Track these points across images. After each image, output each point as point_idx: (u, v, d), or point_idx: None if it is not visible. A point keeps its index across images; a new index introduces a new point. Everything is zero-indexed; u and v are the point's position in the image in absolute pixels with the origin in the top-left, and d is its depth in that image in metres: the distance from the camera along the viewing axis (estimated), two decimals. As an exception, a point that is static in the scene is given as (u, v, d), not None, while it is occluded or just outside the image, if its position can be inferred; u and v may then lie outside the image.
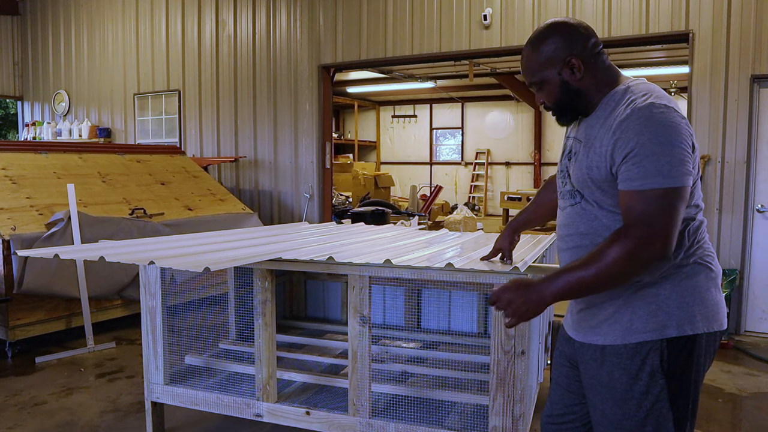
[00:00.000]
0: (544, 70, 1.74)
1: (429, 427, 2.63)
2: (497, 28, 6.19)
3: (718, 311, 1.69)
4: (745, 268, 5.26)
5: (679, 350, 1.64)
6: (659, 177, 1.52)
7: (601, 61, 1.74)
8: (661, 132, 1.53)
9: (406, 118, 17.21)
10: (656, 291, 1.64)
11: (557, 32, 1.73)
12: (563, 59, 1.71)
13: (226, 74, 8.00)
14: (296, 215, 7.58)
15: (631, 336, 1.65)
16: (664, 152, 1.52)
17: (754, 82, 5.16)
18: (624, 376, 1.66)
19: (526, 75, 1.80)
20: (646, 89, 1.65)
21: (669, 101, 1.61)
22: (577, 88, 1.73)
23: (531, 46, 1.76)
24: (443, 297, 3.72)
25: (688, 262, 1.66)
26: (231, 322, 3.79)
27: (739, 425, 3.59)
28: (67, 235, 4.72)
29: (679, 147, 1.53)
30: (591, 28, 1.77)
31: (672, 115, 1.56)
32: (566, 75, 1.72)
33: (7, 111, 17.11)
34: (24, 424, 3.51)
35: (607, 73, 1.75)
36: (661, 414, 1.65)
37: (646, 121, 1.55)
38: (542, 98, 1.81)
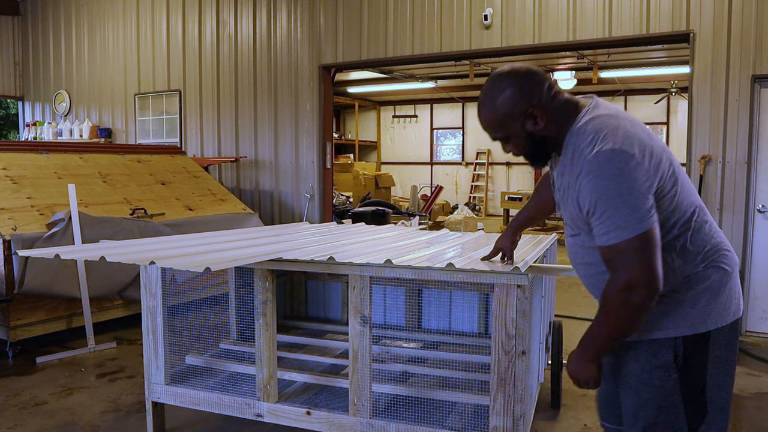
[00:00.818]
0: (506, 126, 1.74)
1: (430, 427, 2.63)
2: (498, 28, 6.19)
3: (731, 304, 1.75)
4: (746, 269, 5.25)
5: (693, 347, 1.71)
6: (620, 230, 1.57)
7: (558, 101, 1.74)
8: (611, 185, 1.57)
9: (407, 118, 17.21)
10: (673, 294, 1.71)
11: (511, 85, 1.72)
12: (523, 112, 1.71)
13: (226, 74, 8.00)
14: (297, 215, 7.58)
15: (646, 333, 1.73)
16: (618, 205, 1.56)
17: (755, 82, 5.15)
18: (638, 369, 1.76)
19: (489, 131, 1.80)
20: (593, 130, 1.64)
21: (616, 139, 1.59)
22: (543, 136, 1.75)
23: (488, 102, 1.75)
24: (444, 297, 3.72)
25: (699, 269, 1.71)
26: (232, 322, 3.79)
27: (740, 425, 3.58)
28: (68, 235, 4.72)
29: (632, 193, 1.56)
30: (541, 72, 1.76)
31: (619, 160, 1.56)
32: (529, 126, 1.73)
33: (8, 111, 17.11)
34: (25, 424, 3.51)
35: (565, 109, 1.74)
36: (673, 407, 1.72)
37: (596, 176, 1.58)
38: (511, 149, 1.82)
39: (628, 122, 1.67)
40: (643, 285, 1.58)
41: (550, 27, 5.94)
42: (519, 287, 2.42)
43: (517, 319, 2.44)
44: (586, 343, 1.76)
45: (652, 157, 1.61)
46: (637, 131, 1.64)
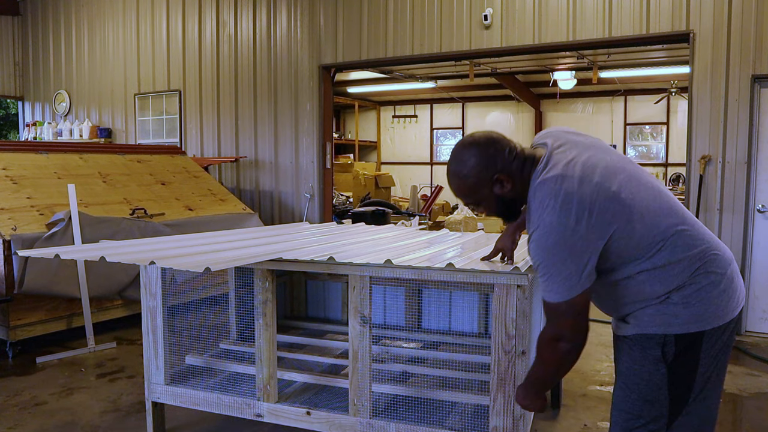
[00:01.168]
0: (476, 193, 1.90)
1: (430, 427, 2.63)
2: (498, 28, 6.19)
3: (728, 304, 1.79)
4: (746, 269, 5.25)
5: (685, 345, 1.77)
6: (553, 293, 1.76)
7: (518, 162, 1.86)
8: (546, 256, 1.73)
9: (407, 118, 17.20)
10: (668, 298, 1.77)
11: (475, 155, 1.85)
12: (490, 178, 1.85)
13: (226, 74, 8.00)
14: (297, 215, 7.58)
15: (639, 329, 1.82)
16: (552, 273, 1.73)
17: (754, 82, 5.15)
18: (629, 362, 1.85)
19: (461, 197, 1.95)
20: (542, 196, 1.74)
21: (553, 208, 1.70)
22: (511, 197, 1.89)
23: (456, 173, 1.90)
24: (444, 297, 3.72)
25: (687, 278, 1.76)
26: (232, 323, 3.79)
27: (740, 425, 3.58)
28: (68, 235, 4.72)
29: (564, 264, 1.71)
30: (500, 136, 1.89)
31: (554, 232, 1.69)
32: (497, 190, 1.87)
33: (8, 111, 17.11)
34: (25, 424, 3.51)
35: (526, 168, 1.85)
36: (658, 400, 1.79)
37: (538, 241, 1.74)
38: (482, 211, 1.98)
39: (575, 182, 1.72)
40: (568, 338, 1.79)
41: (550, 27, 5.94)
42: (519, 287, 2.42)
43: (517, 319, 2.44)
44: (529, 381, 1.98)
45: (593, 214, 1.69)
46: (582, 190, 1.70)
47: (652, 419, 1.80)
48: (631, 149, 14.87)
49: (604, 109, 14.75)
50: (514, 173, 1.85)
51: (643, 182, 1.80)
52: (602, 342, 4.95)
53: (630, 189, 1.75)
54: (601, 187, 1.72)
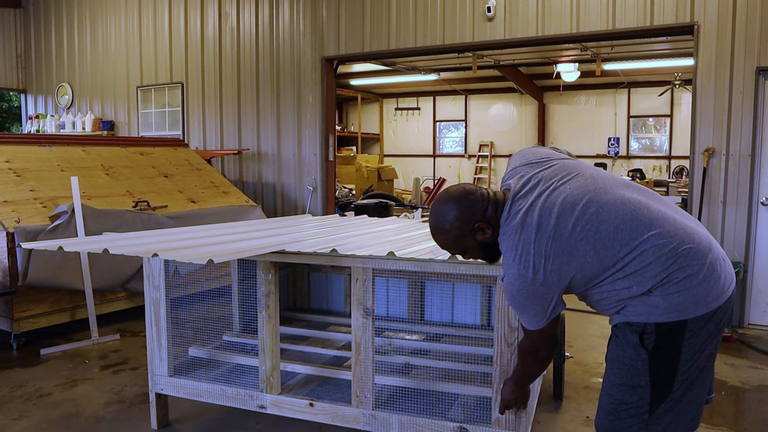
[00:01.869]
0: (461, 243, 2.02)
1: (432, 419, 2.64)
2: (501, 20, 6.16)
3: (709, 293, 1.82)
4: (749, 261, 5.25)
5: (666, 333, 1.83)
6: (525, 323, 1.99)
7: (492, 207, 1.97)
8: (514, 301, 1.93)
9: (410, 110, 17.17)
10: (650, 292, 1.84)
11: (454, 209, 1.97)
12: (471, 228, 1.98)
13: (229, 67, 7.99)
14: (299, 207, 7.58)
15: (623, 317, 1.90)
16: (521, 312, 1.96)
17: (759, 75, 5.13)
18: (613, 347, 1.95)
19: (447, 250, 2.08)
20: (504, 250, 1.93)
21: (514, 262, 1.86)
22: (492, 242, 2.00)
23: (440, 228, 2.01)
24: (446, 289, 3.72)
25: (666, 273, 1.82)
26: (235, 315, 3.80)
27: (742, 418, 3.59)
28: (71, 227, 4.73)
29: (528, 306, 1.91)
30: (473, 187, 2.02)
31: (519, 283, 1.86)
32: (479, 237, 2.00)
33: (11, 104, 17.12)
34: (29, 415, 3.53)
35: (498, 211, 1.97)
36: (640, 386, 1.86)
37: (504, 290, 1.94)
38: (469, 257, 2.11)
39: (533, 227, 1.84)
40: (544, 349, 2.06)
41: (553, 19, 5.91)
42: (522, 279, 2.42)
43: (520, 312, 2.43)
44: (516, 377, 2.30)
45: (549, 260, 1.82)
46: (539, 236, 1.83)
47: (635, 404, 1.87)
48: (635, 142, 14.83)
49: (607, 101, 14.71)
50: (491, 219, 1.97)
51: (605, 201, 1.86)
52: (604, 335, 4.95)
53: (589, 218, 1.83)
54: (557, 230, 1.82)
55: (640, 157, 14.65)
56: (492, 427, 2.53)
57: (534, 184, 1.93)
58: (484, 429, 2.55)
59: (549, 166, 1.98)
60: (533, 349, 2.07)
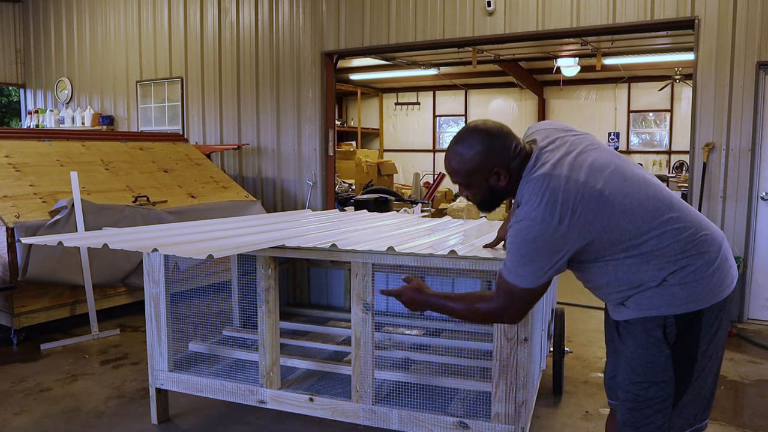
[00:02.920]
0: (471, 177, 1.92)
1: (432, 413, 2.64)
2: (501, 15, 6.15)
3: (722, 282, 1.83)
4: (749, 256, 5.25)
5: (686, 324, 1.81)
6: (515, 276, 1.83)
7: (518, 160, 1.90)
8: (524, 244, 1.79)
9: (410, 105, 17.14)
10: (665, 282, 1.81)
11: (483, 143, 1.88)
12: (489, 170, 1.89)
13: (228, 61, 7.97)
14: (299, 203, 7.58)
15: (640, 312, 1.85)
16: (525, 261, 1.80)
17: (759, 69, 5.12)
18: (633, 346, 1.88)
19: (453, 176, 1.97)
20: (530, 192, 1.80)
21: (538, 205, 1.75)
22: (501, 192, 1.94)
23: (458, 153, 1.92)
24: (446, 284, 3.72)
25: (681, 258, 1.79)
26: (234, 310, 3.81)
27: (742, 412, 3.59)
28: (71, 222, 4.73)
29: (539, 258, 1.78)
30: (510, 131, 1.92)
31: (535, 227, 1.75)
32: (492, 182, 1.91)
33: (10, 99, 17.09)
34: (30, 410, 3.54)
35: (523, 165, 1.89)
36: (664, 382, 1.83)
37: (518, 230, 1.80)
38: (468, 195, 2.00)
39: (561, 180, 1.77)
40: (508, 318, 1.94)
41: (553, 13, 5.89)
42: (521, 275, 2.42)
43: (520, 307, 2.44)
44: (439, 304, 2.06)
45: (576, 214, 1.74)
46: (567, 191, 1.75)
47: (660, 400, 1.84)
48: (635, 137, 14.82)
49: (607, 96, 14.68)
50: (512, 169, 1.90)
51: (629, 175, 1.84)
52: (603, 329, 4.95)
53: (615, 185, 1.80)
54: (586, 187, 1.76)
55: (640, 151, 14.63)
56: (491, 422, 2.54)
57: (561, 143, 1.89)
58: (484, 423, 2.55)
59: (574, 135, 1.96)
60: (499, 312, 1.91)
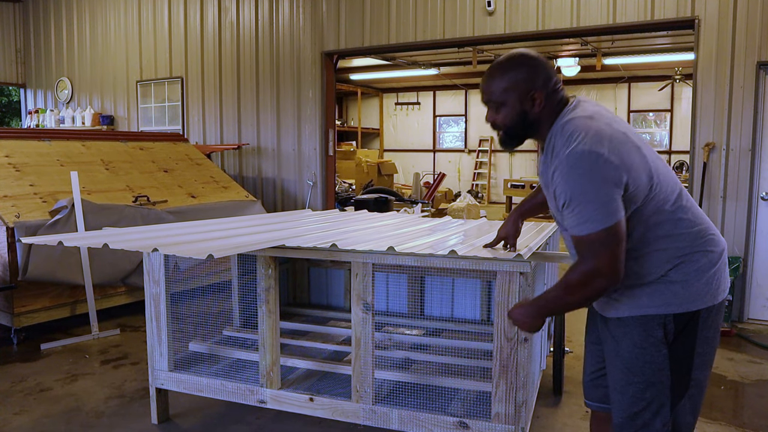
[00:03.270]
0: (506, 95, 1.86)
1: (432, 413, 2.64)
2: (501, 15, 6.15)
3: (720, 285, 1.83)
4: (749, 256, 5.25)
5: (684, 324, 1.80)
6: (590, 223, 1.69)
7: (556, 97, 1.87)
8: (581, 182, 1.69)
9: (410, 105, 17.15)
10: (665, 277, 1.80)
11: (527, 64, 1.86)
12: (527, 90, 1.84)
13: (228, 61, 7.97)
14: (299, 202, 7.58)
15: (638, 310, 1.82)
16: (590, 200, 1.69)
17: (760, 69, 5.11)
18: (630, 345, 1.84)
19: (487, 94, 1.90)
20: (572, 129, 1.75)
21: (592, 139, 1.70)
22: (532, 120, 1.87)
23: (499, 69, 1.88)
24: (446, 284, 3.72)
25: (688, 252, 1.80)
26: (235, 310, 3.81)
27: (741, 412, 3.59)
28: (71, 222, 4.73)
29: (601, 189, 1.68)
30: (553, 67, 1.91)
31: (590, 160, 1.68)
32: (526, 106, 1.85)
33: (10, 98, 17.09)
34: (30, 409, 3.54)
35: (557, 107, 1.87)
36: (661, 382, 1.81)
37: (569, 171, 1.71)
38: (495, 118, 1.91)
39: (603, 123, 1.76)
40: (605, 274, 1.72)
41: (553, 13, 5.90)
42: (521, 274, 2.42)
43: (520, 307, 2.44)
44: (541, 305, 1.92)
45: (622, 154, 1.70)
46: (611, 131, 1.74)
47: (656, 401, 1.82)
48: (635, 136, 14.82)
49: (607, 96, 14.67)
50: (548, 102, 1.85)
51: (657, 156, 1.85)
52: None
53: (650, 150, 1.81)
54: (627, 137, 1.75)
55: (640, 151, 14.65)
56: (491, 422, 2.54)
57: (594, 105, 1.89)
58: (484, 423, 2.55)
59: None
60: (593, 272, 1.72)
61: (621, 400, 1.88)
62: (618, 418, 1.91)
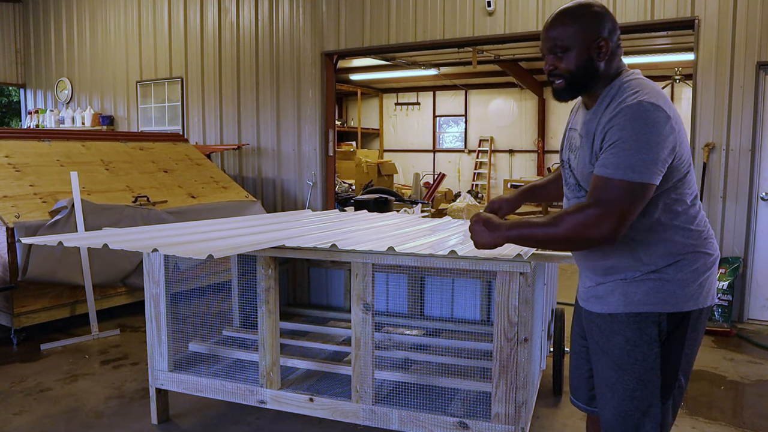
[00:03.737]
0: (573, 40, 1.79)
1: (432, 413, 2.64)
2: (501, 15, 6.15)
3: (711, 288, 1.84)
4: (749, 256, 5.25)
5: (676, 324, 1.79)
6: (629, 171, 1.63)
7: (618, 53, 1.84)
8: (642, 130, 1.64)
9: (410, 105, 17.14)
10: (660, 274, 1.78)
11: (596, 12, 1.81)
12: (595, 37, 1.78)
13: (228, 61, 7.97)
14: (299, 203, 7.58)
15: (633, 306, 1.79)
16: (641, 149, 1.63)
17: (759, 69, 5.12)
18: (622, 342, 1.81)
19: (550, 40, 1.83)
20: (639, 85, 1.74)
21: (659, 98, 1.68)
22: (595, 70, 1.80)
23: (568, 13, 1.81)
24: (446, 284, 3.72)
25: (691, 250, 1.79)
26: (234, 310, 3.81)
27: (741, 412, 3.59)
28: (71, 222, 4.73)
29: (656, 147, 1.63)
30: None
31: (657, 114, 1.64)
32: (592, 52, 1.79)
33: (10, 99, 17.09)
34: (30, 410, 3.53)
35: (617, 64, 1.83)
36: (651, 381, 1.79)
37: (632, 118, 1.65)
38: (556, 65, 1.83)
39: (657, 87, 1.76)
40: (606, 229, 1.65)
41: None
42: (521, 275, 2.42)
43: (520, 307, 2.44)
44: (514, 226, 1.81)
45: (680, 125, 1.72)
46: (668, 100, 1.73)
47: (646, 400, 1.80)
48: (635, 137, 14.82)
49: (607, 96, 14.66)
50: (612, 55, 1.81)
51: None
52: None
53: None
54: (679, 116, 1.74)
55: (640, 152, 14.65)
56: (491, 422, 2.54)
57: None
58: (484, 424, 2.55)
59: None
60: (598, 218, 1.64)
61: (611, 398, 1.85)
62: (607, 417, 1.87)
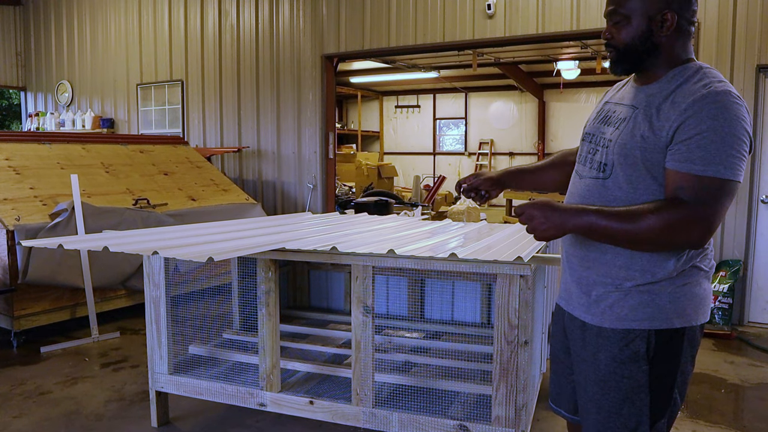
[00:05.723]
0: (634, 8, 1.66)
1: (432, 416, 2.64)
2: (501, 18, 6.15)
3: (705, 304, 1.71)
4: (749, 259, 5.25)
5: (666, 341, 1.67)
6: (721, 167, 1.50)
7: (687, 34, 1.68)
8: (734, 124, 1.51)
9: (410, 108, 17.17)
10: (652, 287, 1.66)
11: None
12: (660, 8, 1.63)
13: (229, 64, 7.98)
14: (299, 205, 7.58)
15: (620, 322, 1.68)
16: (733, 144, 1.50)
17: (759, 72, 5.12)
18: (608, 359, 1.70)
19: (614, 3, 1.71)
20: (721, 77, 1.61)
21: (739, 97, 1.58)
22: (656, 44, 1.66)
23: None
24: (447, 287, 3.72)
25: (688, 266, 1.67)
26: (235, 312, 3.81)
27: (742, 415, 3.59)
28: (71, 225, 4.73)
29: (744, 144, 1.52)
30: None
31: (743, 111, 1.55)
32: (654, 25, 1.65)
33: (11, 102, 17.11)
34: (30, 412, 3.53)
35: (684, 49, 1.69)
36: (639, 399, 1.68)
37: (723, 108, 1.52)
38: (614, 34, 1.71)
39: None
40: (701, 229, 1.52)
41: (553, 16, 5.90)
42: (522, 277, 2.42)
43: (520, 309, 2.44)
44: (582, 212, 1.62)
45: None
46: None
47: (633, 417, 1.70)
48: (635, 139, 14.83)
49: (607, 99, 14.68)
50: (679, 31, 1.66)
51: None
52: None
53: None
54: None
55: (640, 154, 14.66)
56: (492, 425, 2.53)
57: None
58: (484, 427, 2.55)
59: None
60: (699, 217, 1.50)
61: (596, 413, 1.75)
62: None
